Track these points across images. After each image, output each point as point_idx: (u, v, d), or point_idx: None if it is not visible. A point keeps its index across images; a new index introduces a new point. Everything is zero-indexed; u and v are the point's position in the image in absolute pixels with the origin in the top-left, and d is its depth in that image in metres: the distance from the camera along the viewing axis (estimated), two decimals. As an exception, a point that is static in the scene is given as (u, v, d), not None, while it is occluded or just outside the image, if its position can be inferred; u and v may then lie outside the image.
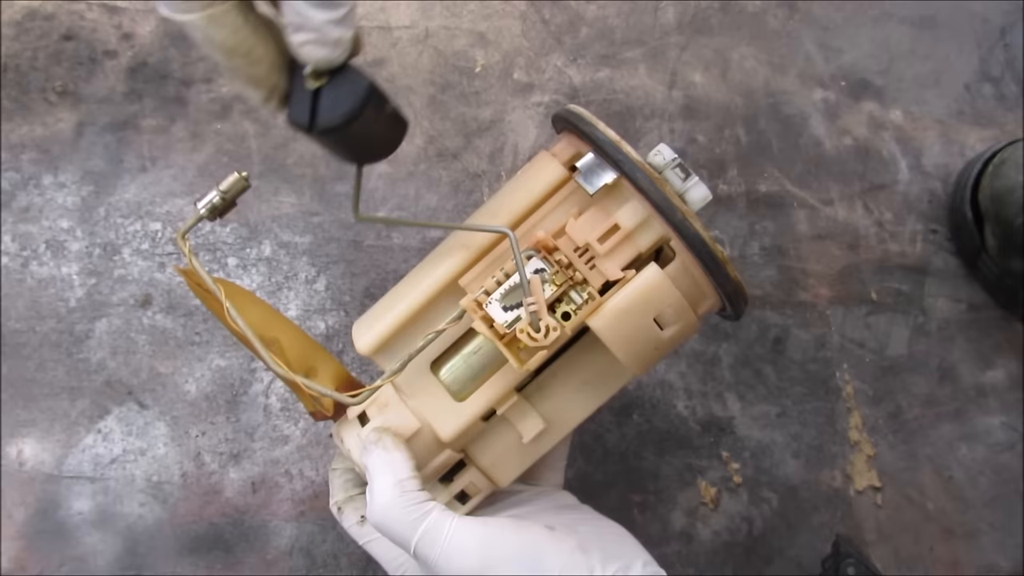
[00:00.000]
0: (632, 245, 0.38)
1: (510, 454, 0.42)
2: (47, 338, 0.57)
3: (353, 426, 0.41)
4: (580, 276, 0.38)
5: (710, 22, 0.70)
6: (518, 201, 0.41)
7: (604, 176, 0.38)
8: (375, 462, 0.37)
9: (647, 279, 0.37)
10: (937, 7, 0.71)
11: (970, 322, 0.63)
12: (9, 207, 0.59)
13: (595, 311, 0.37)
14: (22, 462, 0.54)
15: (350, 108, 0.33)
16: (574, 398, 0.42)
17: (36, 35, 0.64)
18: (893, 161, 0.67)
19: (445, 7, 0.68)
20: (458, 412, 0.40)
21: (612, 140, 0.38)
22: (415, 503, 0.36)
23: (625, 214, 0.38)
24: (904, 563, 0.57)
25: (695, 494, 0.57)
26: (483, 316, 0.37)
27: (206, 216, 0.38)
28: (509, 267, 0.38)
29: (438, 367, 0.41)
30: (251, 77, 0.33)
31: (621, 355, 0.38)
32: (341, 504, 0.43)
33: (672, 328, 0.38)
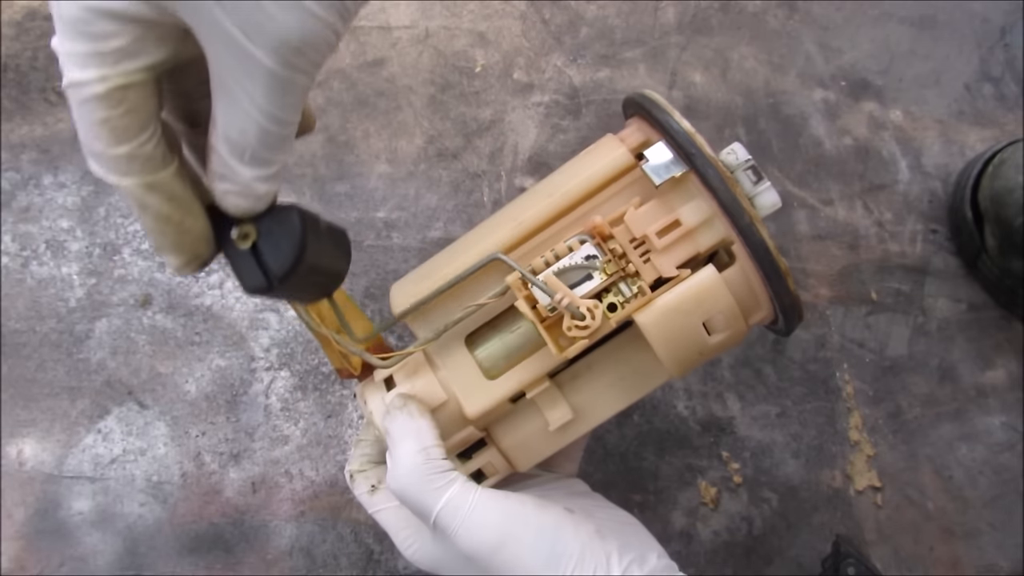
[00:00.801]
0: (691, 243, 0.37)
1: (533, 440, 0.41)
2: (47, 338, 0.57)
3: (378, 389, 0.40)
4: (633, 268, 0.36)
5: (710, 22, 0.70)
6: (578, 182, 0.39)
7: (673, 168, 0.37)
8: (399, 427, 0.37)
9: (702, 280, 0.36)
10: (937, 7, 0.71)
11: (970, 322, 0.63)
12: (9, 207, 0.59)
13: (644, 306, 0.36)
14: (22, 462, 0.54)
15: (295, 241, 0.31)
16: (606, 393, 0.41)
17: (36, 35, 0.64)
18: (893, 161, 0.67)
19: (445, 7, 0.68)
20: (487, 390, 0.39)
21: (687, 131, 0.36)
22: (439, 471, 0.35)
23: (689, 211, 0.37)
24: (904, 563, 0.57)
25: (695, 494, 0.57)
26: (527, 295, 0.36)
27: None
28: (560, 248, 0.37)
29: (472, 342, 0.40)
30: (176, 244, 0.30)
31: (663, 355, 0.37)
32: (354, 472, 0.42)
33: (720, 335, 0.37)
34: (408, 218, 0.62)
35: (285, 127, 0.28)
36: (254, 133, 0.27)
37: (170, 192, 0.29)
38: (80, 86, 0.26)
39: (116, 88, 0.26)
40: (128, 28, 0.26)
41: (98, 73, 0.26)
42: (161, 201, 0.29)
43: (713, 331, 0.37)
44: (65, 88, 0.26)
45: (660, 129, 0.38)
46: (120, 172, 0.28)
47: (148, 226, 0.30)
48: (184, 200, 0.30)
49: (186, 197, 0.30)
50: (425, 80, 0.65)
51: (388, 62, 0.65)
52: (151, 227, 0.30)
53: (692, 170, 0.36)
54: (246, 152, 0.28)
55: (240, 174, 0.29)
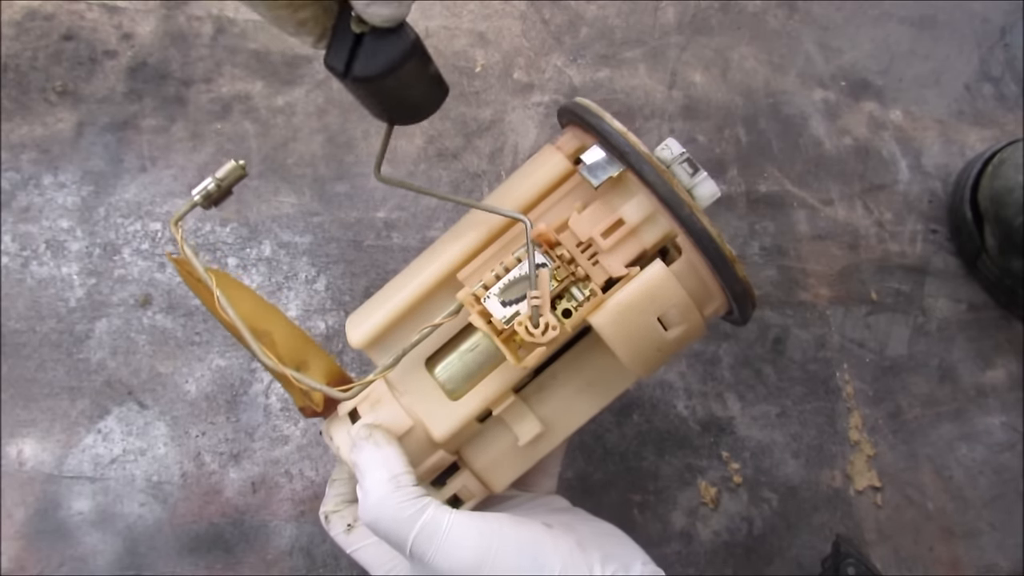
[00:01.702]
0: (637, 241, 0.37)
1: (506, 457, 0.41)
2: (47, 338, 0.57)
3: (343, 423, 0.40)
4: (582, 272, 0.36)
5: (710, 22, 0.70)
6: (520, 194, 0.39)
7: (609, 169, 0.37)
8: (366, 458, 0.36)
9: (651, 276, 0.36)
10: (937, 7, 0.71)
11: (970, 322, 0.63)
12: (9, 207, 0.59)
13: (597, 308, 0.36)
14: (22, 462, 0.54)
15: (389, 61, 0.32)
16: (574, 401, 0.40)
17: (36, 35, 0.64)
18: (893, 161, 0.67)
19: (445, 7, 0.68)
20: (452, 411, 0.39)
21: (618, 131, 0.37)
22: (411, 498, 0.35)
23: (630, 209, 0.37)
24: (904, 563, 0.57)
25: (695, 494, 0.57)
26: (481, 311, 0.36)
27: (200, 203, 0.36)
28: (509, 261, 0.37)
29: (433, 365, 0.40)
30: (298, 22, 0.32)
31: (623, 355, 0.37)
32: (329, 514, 0.42)
33: (677, 329, 0.37)
34: (408, 218, 0.62)
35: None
36: None
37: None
38: None
39: None
40: None
41: None
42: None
43: (669, 326, 0.37)
44: None
45: (593, 132, 0.38)
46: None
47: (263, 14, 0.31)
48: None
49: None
50: (425, 80, 0.65)
51: (388, 62, 0.65)
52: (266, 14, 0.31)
53: (628, 168, 0.37)
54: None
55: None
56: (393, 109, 0.37)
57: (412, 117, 0.38)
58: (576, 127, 0.41)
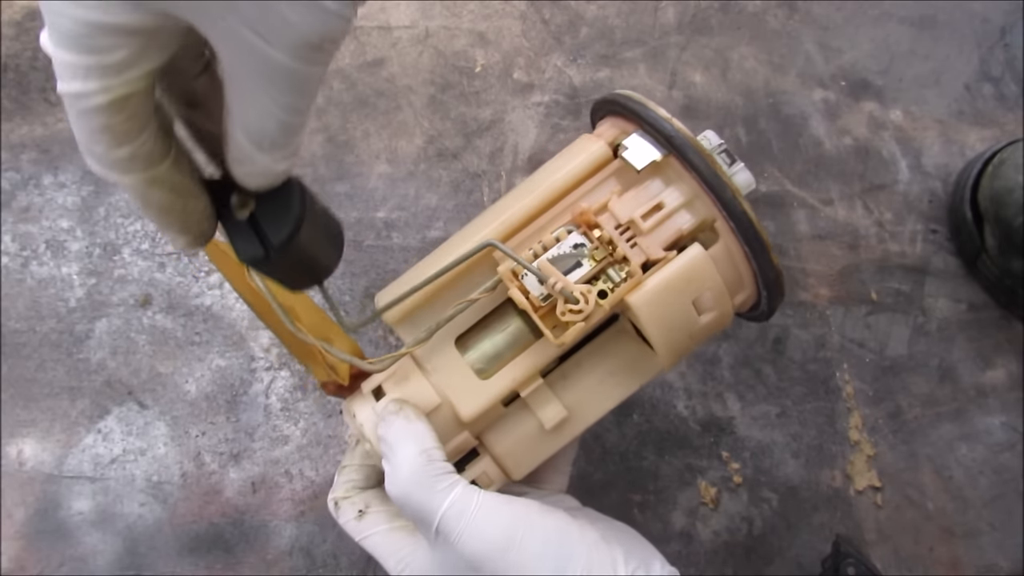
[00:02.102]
0: (675, 225, 0.37)
1: (527, 443, 0.41)
2: (47, 338, 0.57)
3: (367, 400, 0.40)
4: (620, 254, 0.37)
5: (710, 22, 0.70)
6: (560, 176, 0.40)
7: (652, 153, 0.37)
8: (397, 432, 0.36)
9: (690, 258, 0.36)
10: (937, 7, 0.71)
11: (970, 322, 0.63)
12: (9, 207, 0.59)
13: (636, 287, 0.36)
14: (22, 462, 0.54)
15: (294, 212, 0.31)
16: (598, 389, 0.40)
17: (36, 35, 0.64)
18: (893, 161, 0.67)
19: (445, 7, 0.68)
20: (481, 390, 0.39)
21: (663, 116, 0.37)
22: (442, 473, 0.34)
23: (671, 193, 0.38)
24: (904, 563, 0.57)
25: (695, 494, 0.57)
26: (519, 286, 0.36)
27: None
28: (547, 240, 0.37)
29: (463, 344, 0.40)
30: (182, 226, 0.31)
31: (655, 337, 0.37)
32: (339, 500, 0.41)
33: (709, 315, 0.37)
34: (408, 218, 0.62)
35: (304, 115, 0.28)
36: (274, 125, 0.27)
37: (171, 183, 0.29)
38: (81, 97, 0.25)
39: (119, 98, 0.25)
40: (132, 40, 0.25)
41: (100, 84, 0.25)
42: (163, 192, 0.29)
43: (703, 311, 0.37)
44: (63, 95, 0.25)
45: (635, 119, 0.39)
46: (121, 171, 0.27)
47: (152, 216, 0.30)
48: (185, 186, 0.30)
49: (186, 183, 0.30)
50: (425, 80, 0.65)
51: (388, 62, 0.65)
52: (156, 217, 0.30)
53: (672, 153, 0.37)
54: (265, 141, 0.28)
55: (260, 160, 0.29)
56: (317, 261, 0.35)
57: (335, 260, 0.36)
58: (616, 117, 0.41)
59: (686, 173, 0.37)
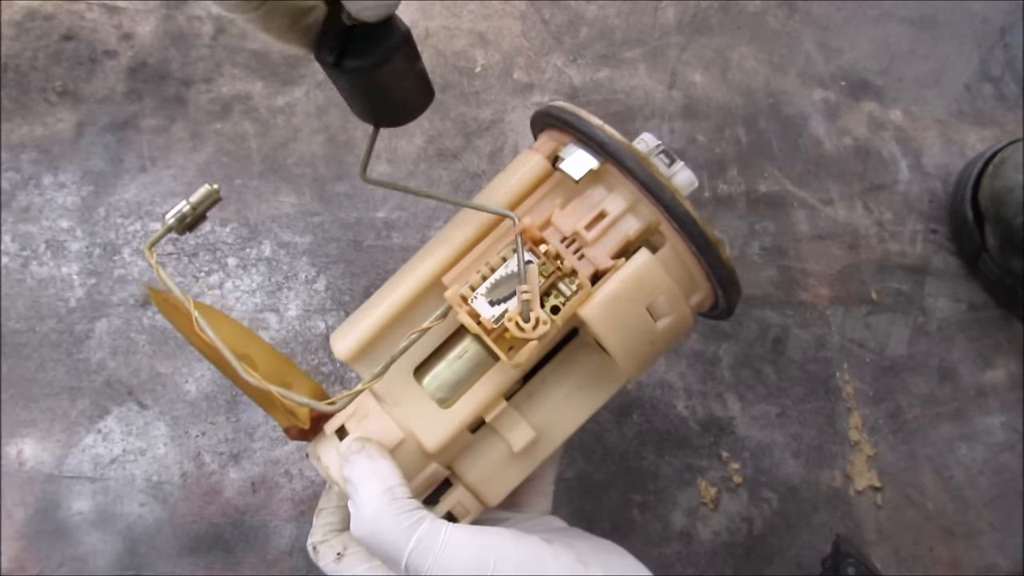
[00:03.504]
0: (620, 232, 0.37)
1: (500, 468, 0.40)
2: (47, 338, 0.57)
3: (331, 441, 0.39)
4: (568, 267, 0.36)
5: (710, 22, 0.70)
6: (502, 195, 0.39)
7: (589, 162, 0.37)
8: (359, 471, 0.35)
9: (638, 264, 0.36)
10: (937, 7, 0.71)
11: (970, 322, 0.63)
12: (9, 207, 0.59)
13: (586, 300, 0.36)
14: (22, 462, 0.54)
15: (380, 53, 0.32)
16: (565, 406, 0.40)
17: (36, 35, 0.64)
18: (893, 161, 0.67)
19: (445, 7, 0.68)
20: (444, 419, 0.38)
21: (596, 124, 0.37)
22: (407, 510, 0.34)
23: (613, 200, 0.37)
24: (904, 563, 0.57)
25: (695, 494, 0.57)
26: (469, 311, 0.36)
27: (174, 227, 0.36)
28: (494, 260, 0.37)
29: (421, 375, 0.39)
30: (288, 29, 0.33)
31: (613, 348, 0.37)
32: (317, 544, 0.40)
33: (666, 319, 0.37)
34: (408, 218, 0.62)
35: None
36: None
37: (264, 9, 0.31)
38: None
39: None
40: None
41: None
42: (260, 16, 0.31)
43: (658, 316, 0.37)
44: None
45: (569, 129, 0.38)
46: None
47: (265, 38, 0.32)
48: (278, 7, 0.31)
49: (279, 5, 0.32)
50: (425, 80, 0.65)
51: (388, 62, 0.65)
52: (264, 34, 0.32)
53: (608, 160, 0.37)
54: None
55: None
56: (380, 108, 0.37)
57: (397, 118, 0.38)
58: (552, 130, 0.41)
59: (625, 179, 0.37)
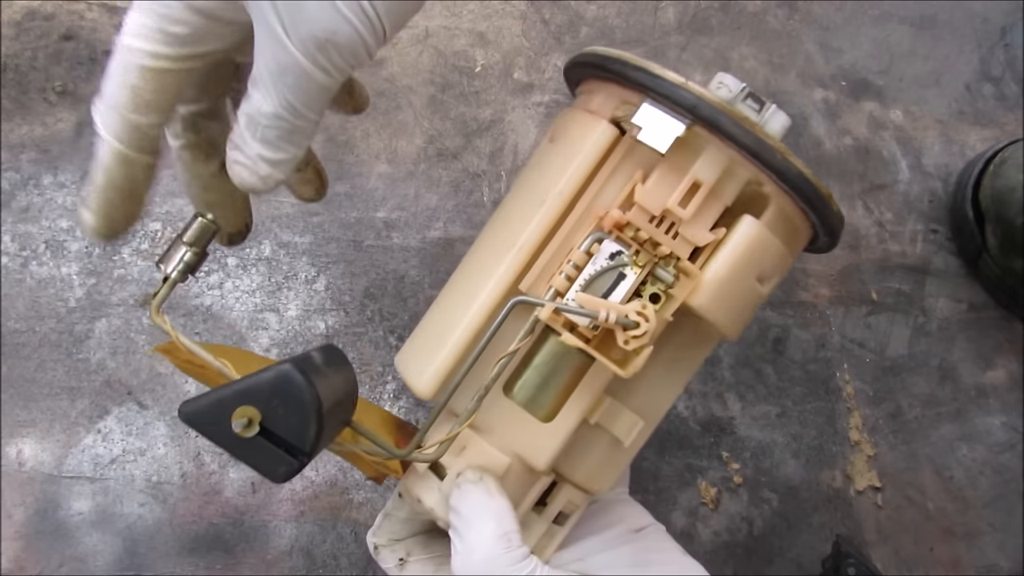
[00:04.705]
0: (718, 201, 0.32)
1: (606, 461, 0.37)
2: (47, 338, 0.57)
3: (428, 480, 0.36)
4: (665, 250, 0.32)
5: (710, 22, 0.70)
6: (568, 179, 0.34)
7: (674, 127, 0.31)
8: (474, 506, 0.33)
9: (746, 235, 0.32)
10: (937, 7, 0.71)
11: (971, 322, 0.63)
12: (9, 207, 0.59)
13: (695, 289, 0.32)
14: (22, 462, 0.54)
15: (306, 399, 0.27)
16: (661, 381, 0.36)
17: (36, 35, 0.64)
18: (893, 161, 0.67)
19: (445, 7, 0.68)
20: (549, 435, 0.34)
21: (678, 83, 0.31)
22: (519, 560, 0.32)
23: (704, 167, 0.32)
24: (904, 563, 0.57)
25: (695, 494, 0.57)
26: (564, 322, 0.32)
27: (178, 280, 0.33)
28: (578, 258, 0.32)
29: (508, 389, 0.35)
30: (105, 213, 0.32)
31: (723, 325, 0.33)
32: (379, 546, 0.39)
33: (772, 281, 0.34)
34: (408, 218, 0.62)
35: (297, 118, 0.30)
36: (267, 114, 0.29)
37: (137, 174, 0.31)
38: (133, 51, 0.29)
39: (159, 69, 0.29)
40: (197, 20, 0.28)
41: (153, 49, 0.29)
42: (125, 176, 0.31)
43: (765, 280, 0.34)
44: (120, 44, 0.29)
45: (638, 88, 0.32)
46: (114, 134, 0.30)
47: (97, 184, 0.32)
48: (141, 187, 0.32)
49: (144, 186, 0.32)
50: (425, 80, 0.65)
51: (388, 62, 0.65)
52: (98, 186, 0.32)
53: (698, 123, 0.32)
54: (258, 129, 0.30)
55: (250, 147, 0.30)
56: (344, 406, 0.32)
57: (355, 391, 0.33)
58: (607, 83, 0.35)
59: (720, 141, 0.32)
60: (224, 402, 0.27)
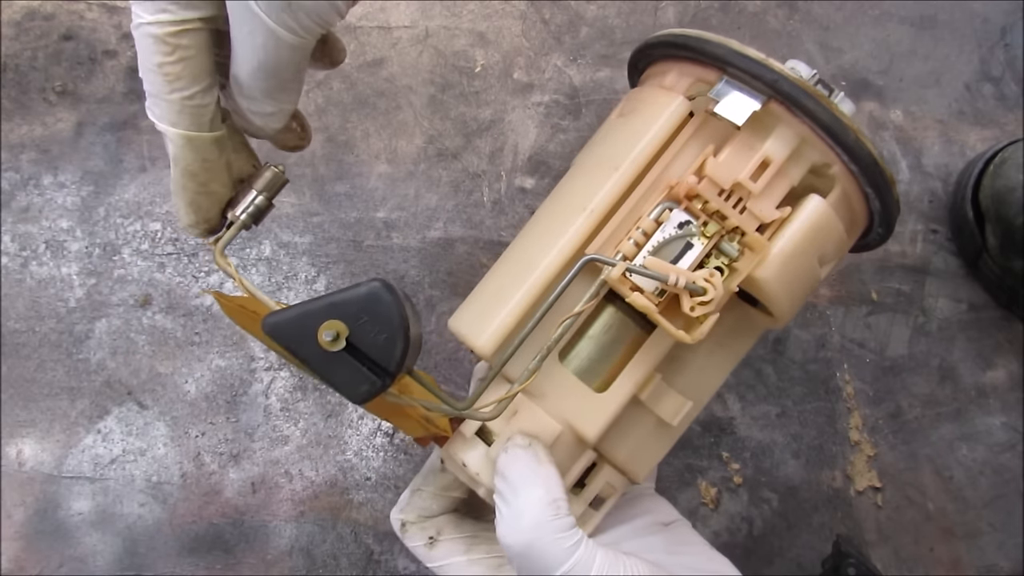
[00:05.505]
0: (785, 179, 0.33)
1: (648, 444, 0.37)
2: (47, 338, 0.57)
3: (473, 445, 0.35)
4: (732, 224, 0.32)
5: (710, 22, 0.69)
6: (642, 147, 0.34)
7: (750, 103, 0.32)
8: (523, 471, 0.32)
9: (812, 214, 0.33)
10: (937, 7, 0.71)
11: (971, 322, 0.63)
12: (9, 207, 0.59)
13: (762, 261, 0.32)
14: (22, 462, 0.54)
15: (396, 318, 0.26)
16: (708, 364, 0.37)
17: (36, 35, 0.64)
18: (893, 161, 0.67)
19: (445, 7, 0.68)
20: (601, 406, 0.34)
21: (759, 59, 0.32)
22: (568, 528, 0.32)
23: (775, 144, 0.33)
24: (904, 563, 0.57)
25: (695, 494, 0.57)
26: (631, 287, 0.32)
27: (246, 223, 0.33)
28: (647, 224, 0.32)
29: (562, 357, 0.35)
30: (192, 203, 0.33)
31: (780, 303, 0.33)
32: (408, 523, 0.38)
33: (829, 265, 0.35)
34: (408, 218, 0.62)
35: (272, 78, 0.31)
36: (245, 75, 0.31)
37: (205, 154, 0.32)
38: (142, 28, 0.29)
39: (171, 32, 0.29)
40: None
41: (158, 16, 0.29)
42: (195, 159, 0.32)
43: (824, 263, 0.34)
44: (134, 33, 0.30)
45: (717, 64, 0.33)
46: (168, 120, 0.31)
47: (175, 179, 0.32)
48: (216, 167, 0.32)
49: (218, 165, 0.33)
50: (425, 80, 0.65)
51: (388, 62, 0.65)
52: (177, 180, 0.32)
53: (776, 99, 0.32)
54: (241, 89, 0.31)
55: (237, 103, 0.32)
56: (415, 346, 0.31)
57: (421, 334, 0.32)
58: (682, 63, 0.36)
59: (792, 118, 0.33)
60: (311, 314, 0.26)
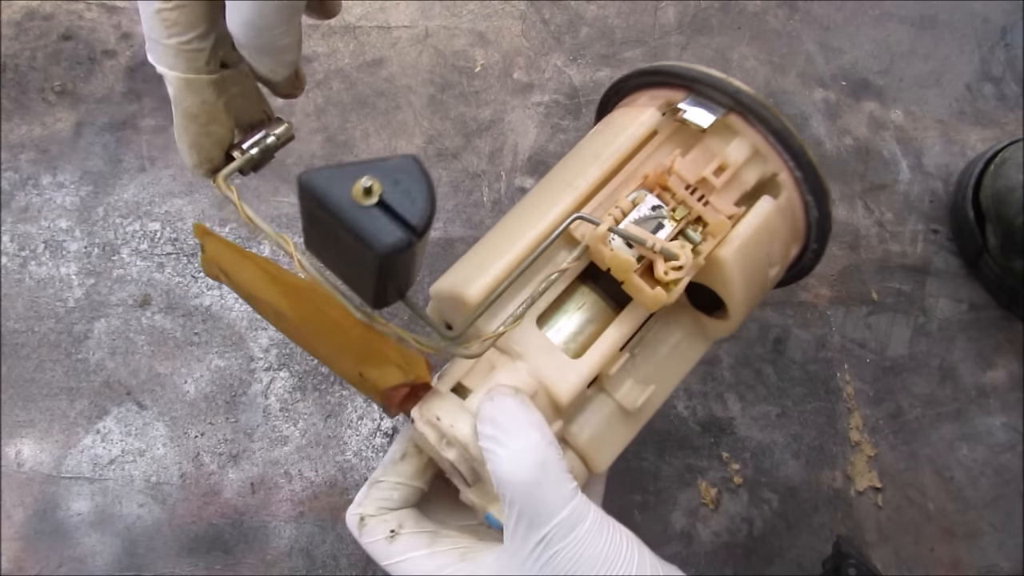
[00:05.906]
0: (740, 182, 0.38)
1: (609, 431, 0.38)
2: (46, 338, 0.57)
3: (450, 399, 0.35)
4: (696, 213, 0.37)
5: (710, 22, 0.69)
6: (622, 141, 0.40)
7: (715, 111, 0.39)
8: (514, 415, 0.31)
9: (764, 210, 0.38)
10: (938, 7, 0.71)
11: (971, 322, 0.63)
12: (8, 207, 0.59)
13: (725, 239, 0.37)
14: (21, 463, 0.54)
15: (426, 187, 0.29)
16: (667, 363, 0.40)
17: (35, 35, 0.64)
18: (894, 161, 0.67)
19: (445, 7, 0.68)
20: (575, 370, 0.36)
21: (722, 77, 0.38)
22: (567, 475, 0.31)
23: (734, 150, 0.38)
24: (905, 564, 0.57)
25: (695, 494, 0.57)
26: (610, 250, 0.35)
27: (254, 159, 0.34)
28: (625, 204, 0.36)
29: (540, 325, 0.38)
30: (195, 144, 0.34)
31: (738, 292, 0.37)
32: (367, 517, 0.36)
33: (775, 268, 0.38)
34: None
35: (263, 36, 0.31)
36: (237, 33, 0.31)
37: (203, 96, 0.32)
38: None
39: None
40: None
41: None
42: (195, 102, 0.32)
43: (772, 264, 0.38)
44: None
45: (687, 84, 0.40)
46: (166, 63, 0.31)
47: (177, 121, 0.33)
48: (215, 108, 0.33)
49: (217, 107, 0.33)
50: (425, 80, 0.65)
51: (388, 62, 0.65)
52: (179, 122, 0.33)
53: (736, 110, 0.39)
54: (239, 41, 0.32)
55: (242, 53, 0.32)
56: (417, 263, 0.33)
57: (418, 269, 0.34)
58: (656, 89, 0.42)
59: (748, 128, 0.39)
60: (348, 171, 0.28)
